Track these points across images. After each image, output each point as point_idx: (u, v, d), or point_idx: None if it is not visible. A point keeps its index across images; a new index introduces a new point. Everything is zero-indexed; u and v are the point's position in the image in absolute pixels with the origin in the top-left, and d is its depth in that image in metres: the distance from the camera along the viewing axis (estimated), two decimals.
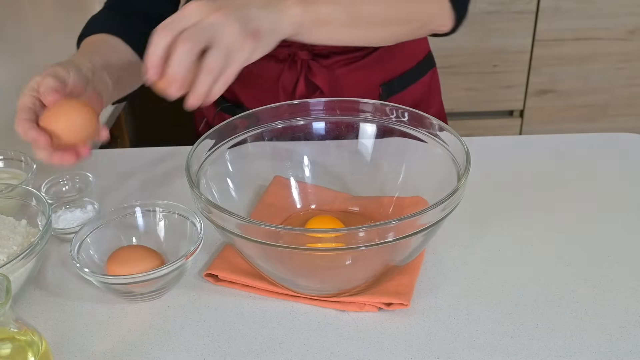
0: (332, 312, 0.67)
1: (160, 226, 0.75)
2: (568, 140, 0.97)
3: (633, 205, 0.81)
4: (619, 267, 0.71)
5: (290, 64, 0.97)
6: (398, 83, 1.02)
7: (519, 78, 2.09)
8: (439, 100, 1.12)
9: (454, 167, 0.69)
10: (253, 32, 0.64)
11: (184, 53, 0.61)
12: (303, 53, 0.96)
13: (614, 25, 2.01)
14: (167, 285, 0.68)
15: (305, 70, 0.97)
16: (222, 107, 1.04)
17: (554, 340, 0.63)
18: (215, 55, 0.62)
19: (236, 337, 0.64)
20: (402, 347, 0.62)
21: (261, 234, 0.59)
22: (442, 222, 0.62)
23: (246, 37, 0.63)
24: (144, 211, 0.75)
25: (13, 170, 0.86)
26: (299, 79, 0.98)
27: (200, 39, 0.62)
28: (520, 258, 0.73)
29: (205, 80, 0.63)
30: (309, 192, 0.81)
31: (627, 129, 1.11)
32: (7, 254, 0.68)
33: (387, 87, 1.01)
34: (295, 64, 0.97)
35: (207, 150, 0.73)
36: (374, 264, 0.65)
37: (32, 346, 0.54)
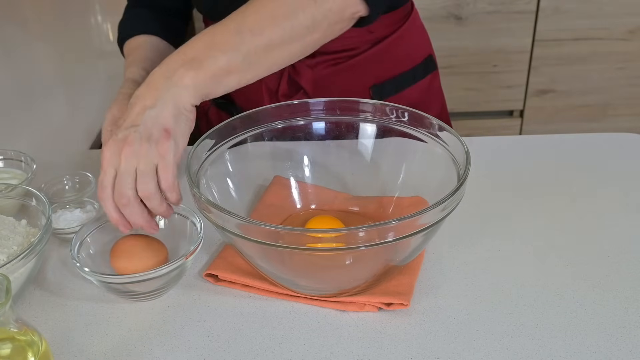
0: (332, 312, 0.67)
1: (160, 226, 0.75)
2: (568, 140, 0.97)
3: (633, 205, 0.81)
4: (619, 267, 0.71)
5: None
6: (390, 86, 1.00)
7: (519, 78, 2.09)
8: (439, 104, 1.10)
9: (454, 167, 0.69)
10: (162, 135, 0.65)
11: (129, 209, 0.66)
12: None
13: (614, 25, 2.01)
14: (167, 285, 0.68)
15: (289, 70, 0.96)
16: (216, 103, 1.05)
17: (554, 340, 0.63)
18: (142, 180, 0.65)
19: (236, 337, 0.64)
20: (402, 347, 0.62)
21: (261, 234, 0.59)
22: (442, 222, 0.62)
23: (159, 145, 0.65)
24: None
25: (13, 170, 0.87)
26: (282, 78, 0.97)
27: (129, 186, 0.65)
28: (520, 258, 0.73)
29: (154, 204, 0.67)
30: (309, 192, 0.81)
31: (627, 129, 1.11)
32: (7, 254, 0.68)
33: (377, 90, 0.99)
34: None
35: (207, 150, 0.73)
36: (374, 264, 0.65)
37: (32, 346, 0.54)
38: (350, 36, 0.92)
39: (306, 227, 0.74)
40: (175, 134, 0.66)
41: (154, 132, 0.65)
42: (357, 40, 0.96)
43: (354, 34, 0.93)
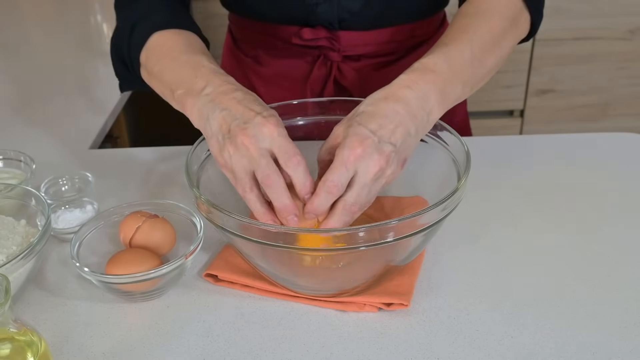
0: (332, 312, 0.67)
1: None
2: (568, 140, 0.97)
3: (633, 205, 0.81)
4: (619, 267, 0.71)
5: (320, 64, 0.95)
6: None
7: (519, 78, 2.09)
8: (464, 108, 1.10)
9: (454, 167, 0.69)
10: (402, 162, 0.63)
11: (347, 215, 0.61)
12: (334, 54, 0.94)
13: (614, 25, 2.01)
14: (167, 285, 0.68)
15: (335, 72, 0.96)
16: None
17: (554, 340, 0.62)
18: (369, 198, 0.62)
19: (236, 337, 0.64)
20: (402, 347, 0.62)
21: (261, 234, 0.59)
22: (442, 222, 0.62)
23: (396, 171, 0.62)
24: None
25: (12, 170, 0.87)
26: (327, 81, 0.97)
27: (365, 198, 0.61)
28: (520, 258, 0.73)
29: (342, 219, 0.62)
30: None
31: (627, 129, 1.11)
32: (6, 254, 0.68)
33: None
34: (325, 65, 0.95)
35: (207, 150, 0.72)
36: (374, 264, 0.65)
37: (31, 346, 0.54)
38: (395, 40, 0.93)
39: None
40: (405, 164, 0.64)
41: (401, 155, 0.63)
42: (401, 44, 0.96)
43: (399, 37, 0.94)
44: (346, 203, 0.61)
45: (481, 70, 0.71)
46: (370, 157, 0.60)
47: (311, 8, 0.89)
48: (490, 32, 0.73)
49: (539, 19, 0.81)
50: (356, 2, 0.88)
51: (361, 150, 0.60)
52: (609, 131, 1.01)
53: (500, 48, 0.74)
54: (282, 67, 0.97)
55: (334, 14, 0.89)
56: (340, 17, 0.90)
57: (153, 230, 0.71)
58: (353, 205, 0.61)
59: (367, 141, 0.60)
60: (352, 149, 0.60)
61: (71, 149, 1.02)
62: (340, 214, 0.61)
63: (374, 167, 0.60)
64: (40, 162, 0.85)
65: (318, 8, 0.89)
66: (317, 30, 0.91)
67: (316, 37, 0.92)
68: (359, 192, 0.61)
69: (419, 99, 0.64)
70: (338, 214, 0.61)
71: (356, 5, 0.88)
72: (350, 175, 0.60)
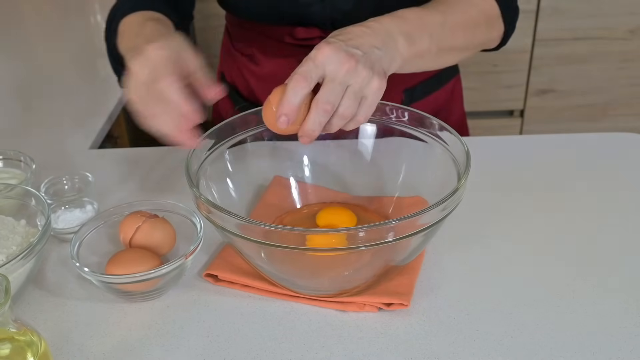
0: (332, 312, 0.67)
1: None
2: (568, 140, 0.97)
3: (633, 205, 0.81)
4: (619, 267, 0.71)
5: None
6: (420, 90, 1.01)
7: (519, 78, 2.09)
8: (460, 107, 1.10)
9: (454, 167, 0.69)
10: (382, 74, 0.64)
11: (322, 115, 0.63)
12: None
13: (614, 25, 2.01)
14: (167, 285, 0.68)
15: None
16: (240, 106, 1.04)
17: (554, 340, 0.62)
18: (350, 102, 0.63)
19: (236, 337, 0.64)
20: (402, 347, 0.62)
21: (261, 234, 0.59)
22: (442, 222, 0.62)
23: (377, 79, 0.64)
24: None
25: (12, 170, 0.86)
26: None
27: (337, 98, 0.63)
28: (520, 258, 0.73)
29: (338, 124, 0.65)
30: (308, 192, 0.81)
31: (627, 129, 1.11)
32: (6, 254, 0.68)
33: (409, 94, 1.00)
34: None
35: (207, 150, 0.72)
36: (374, 264, 0.65)
37: (31, 346, 0.54)
38: None
39: (317, 217, 0.75)
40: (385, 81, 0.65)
41: (376, 66, 0.64)
42: None
43: None
44: (317, 100, 0.63)
45: (450, 39, 0.75)
46: (338, 55, 0.62)
47: (304, 8, 0.90)
48: (464, 15, 0.78)
49: (510, 30, 0.86)
50: (348, 3, 0.89)
51: (329, 49, 0.62)
52: (609, 131, 1.01)
53: (472, 34, 0.80)
54: (276, 66, 0.97)
55: (327, 14, 0.90)
56: (332, 17, 0.90)
57: (153, 230, 0.71)
58: (326, 103, 0.62)
59: (335, 44, 0.63)
60: (320, 49, 0.63)
61: (71, 149, 1.02)
62: (314, 113, 0.63)
63: (343, 65, 0.62)
64: (40, 162, 0.85)
65: (311, 8, 0.89)
66: (311, 29, 0.92)
67: (310, 36, 0.92)
68: (331, 88, 0.62)
69: (384, 28, 0.68)
70: (312, 113, 0.63)
71: (348, 5, 0.89)
72: (320, 72, 0.62)
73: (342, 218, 0.75)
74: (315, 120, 0.63)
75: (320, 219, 0.75)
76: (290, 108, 0.63)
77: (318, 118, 0.63)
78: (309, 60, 0.63)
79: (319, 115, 0.63)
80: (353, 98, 0.63)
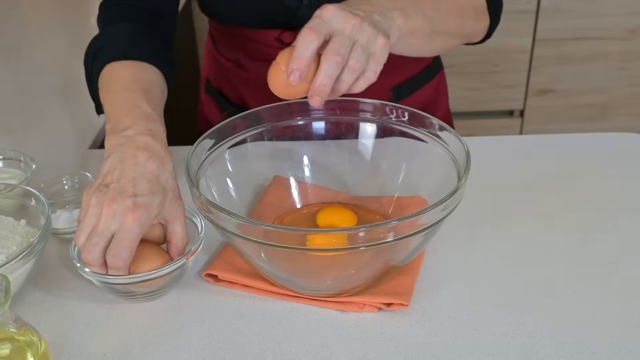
0: (332, 312, 0.67)
1: None
2: (568, 140, 0.97)
3: (633, 205, 0.81)
4: (619, 267, 0.71)
5: None
6: (407, 87, 1.01)
7: (519, 78, 2.09)
8: (445, 102, 1.11)
9: (454, 167, 0.69)
10: (385, 33, 0.66)
11: (333, 66, 0.63)
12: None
13: (614, 25, 2.01)
14: (168, 286, 0.68)
15: None
16: (228, 112, 1.03)
17: (554, 340, 0.62)
18: (359, 55, 0.64)
19: (236, 337, 0.64)
20: (402, 347, 0.62)
21: (261, 234, 0.59)
22: (442, 222, 0.62)
23: (382, 38, 0.65)
24: None
25: (12, 170, 0.86)
26: None
27: (346, 50, 0.63)
28: (520, 258, 0.73)
29: (349, 79, 0.65)
30: (308, 192, 0.81)
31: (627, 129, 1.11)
32: (6, 254, 0.68)
33: (397, 91, 1.00)
34: None
35: (207, 150, 0.72)
36: (374, 264, 0.65)
37: (31, 346, 0.54)
38: None
39: (318, 217, 0.75)
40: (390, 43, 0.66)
41: (380, 26, 0.66)
42: None
43: None
44: (327, 52, 0.63)
45: (442, 22, 0.78)
46: (343, 12, 0.64)
47: (292, 12, 0.89)
48: (455, 3, 0.81)
49: (495, 23, 0.89)
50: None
51: (333, 7, 0.64)
52: (609, 131, 1.01)
53: (462, 22, 0.82)
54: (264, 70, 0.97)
55: None
56: None
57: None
58: (336, 55, 0.63)
59: (338, 5, 0.65)
60: (325, 8, 0.65)
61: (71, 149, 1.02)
62: (325, 65, 0.63)
63: (349, 21, 0.64)
64: (40, 162, 0.85)
65: (298, 12, 0.89)
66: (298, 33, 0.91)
67: None
68: (340, 41, 0.63)
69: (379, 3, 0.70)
70: (323, 65, 0.63)
71: None
72: (327, 27, 0.63)
73: (343, 218, 0.75)
74: (326, 73, 0.63)
75: (320, 219, 0.75)
76: (303, 62, 0.62)
77: (329, 70, 0.63)
78: (315, 17, 0.64)
79: (330, 67, 0.63)
80: (361, 52, 0.64)
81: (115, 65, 0.76)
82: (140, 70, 0.77)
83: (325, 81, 0.63)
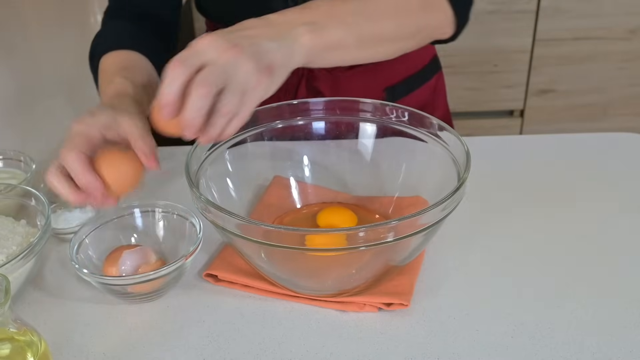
0: (332, 312, 0.67)
1: (159, 226, 0.75)
2: (568, 140, 0.97)
3: (633, 205, 0.81)
4: (619, 267, 0.71)
5: None
6: (402, 87, 1.01)
7: (519, 78, 2.09)
8: (444, 103, 1.11)
9: (454, 167, 0.69)
10: (267, 68, 0.60)
11: (200, 98, 0.57)
12: None
13: (614, 25, 2.01)
14: (167, 286, 0.68)
15: (307, 74, 0.96)
16: None
17: (554, 340, 0.62)
18: (230, 97, 0.59)
19: (236, 337, 0.64)
20: (402, 347, 0.62)
21: (261, 234, 0.59)
22: (442, 222, 0.62)
23: (260, 74, 0.59)
24: (143, 211, 0.75)
25: (12, 170, 0.86)
26: (300, 83, 0.97)
27: (216, 81, 0.58)
28: (520, 258, 0.73)
29: (220, 123, 0.60)
30: (308, 192, 0.81)
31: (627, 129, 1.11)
32: (6, 254, 0.68)
33: (390, 92, 1.00)
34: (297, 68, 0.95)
35: (207, 150, 0.72)
36: (374, 264, 0.65)
37: (31, 346, 0.54)
38: None
39: (318, 217, 0.75)
40: (273, 77, 0.61)
41: (263, 58, 0.60)
42: None
43: None
44: (195, 82, 0.58)
45: (371, 28, 0.71)
46: (218, 43, 0.59)
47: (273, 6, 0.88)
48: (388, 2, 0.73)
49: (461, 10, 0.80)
50: None
51: (210, 37, 0.59)
52: (609, 131, 1.01)
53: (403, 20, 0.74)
54: None
55: None
56: None
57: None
58: (203, 85, 0.57)
59: (218, 34, 0.60)
60: (201, 37, 0.60)
61: None
62: (192, 96, 0.57)
63: (224, 52, 0.58)
64: (40, 162, 0.85)
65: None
66: None
67: None
68: (210, 71, 0.58)
69: (285, 20, 0.65)
70: (190, 97, 0.58)
71: None
72: (199, 59, 0.58)
73: (343, 218, 0.75)
74: (192, 107, 0.58)
75: (320, 219, 0.75)
76: (169, 97, 0.58)
77: (196, 104, 0.57)
78: (188, 48, 0.59)
79: (196, 101, 0.57)
80: (233, 92, 0.59)
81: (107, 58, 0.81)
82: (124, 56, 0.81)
83: (192, 114, 0.58)
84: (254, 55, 0.60)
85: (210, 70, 0.58)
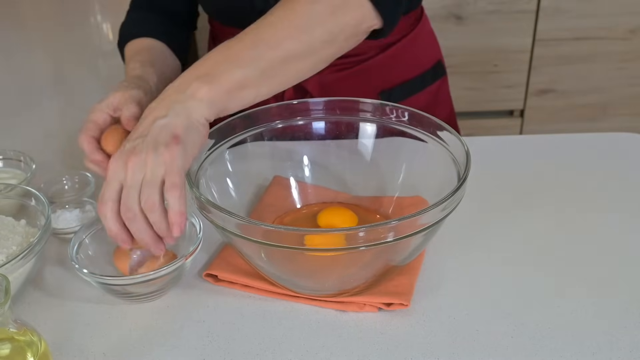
0: (332, 312, 0.67)
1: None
2: (568, 140, 0.97)
3: (633, 205, 0.81)
4: (619, 267, 0.71)
5: None
6: (399, 92, 1.00)
7: (519, 78, 2.09)
8: (447, 108, 1.09)
9: (454, 167, 0.69)
10: (172, 139, 0.62)
11: (133, 223, 0.63)
12: None
13: (614, 25, 2.01)
14: (167, 286, 0.68)
15: None
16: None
17: (554, 340, 0.62)
18: (146, 190, 0.62)
19: (236, 337, 0.64)
20: (402, 347, 0.62)
21: (261, 234, 0.59)
22: (442, 222, 0.62)
23: (167, 149, 0.61)
24: None
25: (12, 170, 0.86)
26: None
27: (135, 200, 0.62)
28: (520, 258, 0.73)
29: (156, 218, 0.63)
30: (308, 192, 0.81)
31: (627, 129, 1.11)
32: (6, 254, 0.68)
33: (386, 96, 0.98)
34: None
35: (207, 150, 0.72)
36: (374, 264, 0.65)
37: (31, 346, 0.54)
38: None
39: (318, 217, 0.75)
40: (185, 141, 0.62)
41: (161, 139, 0.62)
42: (365, 45, 0.91)
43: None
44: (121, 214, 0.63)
45: (274, 53, 0.68)
46: (119, 163, 0.63)
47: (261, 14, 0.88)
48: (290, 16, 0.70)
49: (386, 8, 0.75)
50: None
51: (112, 163, 0.63)
52: (609, 131, 1.01)
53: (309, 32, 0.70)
54: None
55: None
56: None
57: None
58: (126, 211, 0.62)
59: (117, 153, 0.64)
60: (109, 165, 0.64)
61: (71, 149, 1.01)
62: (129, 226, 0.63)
63: (127, 167, 0.62)
64: (40, 162, 0.85)
65: None
66: None
67: None
68: (126, 194, 0.62)
69: (173, 87, 0.67)
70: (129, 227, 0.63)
71: None
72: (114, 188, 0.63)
73: (343, 218, 0.75)
74: (136, 232, 0.63)
75: (321, 219, 0.75)
76: (112, 234, 0.64)
77: (133, 227, 0.63)
78: (104, 184, 0.64)
79: (132, 225, 0.63)
80: (149, 186, 0.62)
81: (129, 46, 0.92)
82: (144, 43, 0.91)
83: (140, 237, 0.63)
84: (151, 143, 0.62)
85: (126, 193, 0.62)
